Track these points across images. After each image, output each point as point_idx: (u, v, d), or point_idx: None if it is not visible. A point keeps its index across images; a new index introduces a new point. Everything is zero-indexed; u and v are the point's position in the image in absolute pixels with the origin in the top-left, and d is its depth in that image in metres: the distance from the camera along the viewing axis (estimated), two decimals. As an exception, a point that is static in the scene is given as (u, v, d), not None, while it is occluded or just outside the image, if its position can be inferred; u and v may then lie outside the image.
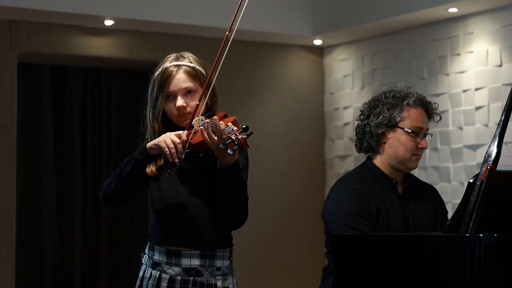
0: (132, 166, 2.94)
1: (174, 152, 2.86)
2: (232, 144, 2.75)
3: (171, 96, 3.01)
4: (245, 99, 6.46)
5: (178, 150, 2.86)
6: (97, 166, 6.40)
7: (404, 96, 3.59)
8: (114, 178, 2.99)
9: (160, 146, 2.87)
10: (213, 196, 2.96)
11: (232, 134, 2.77)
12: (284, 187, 6.55)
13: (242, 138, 2.76)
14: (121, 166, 2.99)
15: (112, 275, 6.44)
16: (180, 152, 2.87)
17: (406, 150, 3.56)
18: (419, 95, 3.62)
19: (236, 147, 2.75)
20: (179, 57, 3.06)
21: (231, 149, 2.74)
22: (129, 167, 2.95)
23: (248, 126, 2.79)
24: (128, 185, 2.99)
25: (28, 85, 6.19)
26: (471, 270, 2.52)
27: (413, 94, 3.60)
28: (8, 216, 5.61)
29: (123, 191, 3.01)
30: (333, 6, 6.17)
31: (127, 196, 3.05)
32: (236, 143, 2.75)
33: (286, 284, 6.50)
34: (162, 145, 2.87)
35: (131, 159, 2.96)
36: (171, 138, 2.87)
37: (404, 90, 3.62)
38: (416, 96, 3.59)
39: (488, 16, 5.49)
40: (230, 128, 2.80)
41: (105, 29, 5.94)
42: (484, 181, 2.60)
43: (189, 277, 2.97)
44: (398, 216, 3.54)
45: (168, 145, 2.86)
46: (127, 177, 2.96)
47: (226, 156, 2.83)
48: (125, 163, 2.97)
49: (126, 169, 2.96)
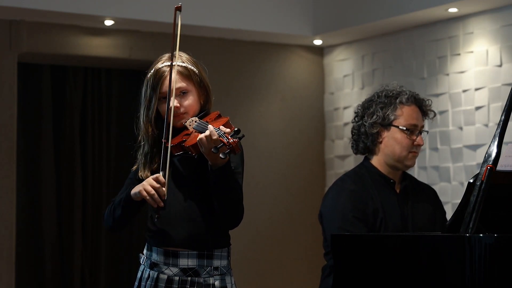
0: (122, 210, 2.99)
1: (156, 197, 2.87)
2: (224, 147, 2.75)
3: (164, 96, 2.99)
4: (245, 99, 6.45)
5: (160, 193, 2.87)
6: (97, 166, 6.40)
7: (397, 94, 3.58)
8: (110, 215, 3.04)
9: (141, 195, 2.89)
10: (209, 196, 2.95)
11: (224, 138, 2.77)
12: (284, 187, 6.55)
13: (233, 142, 2.76)
14: (113, 205, 3.03)
15: (112, 275, 6.44)
16: (162, 195, 2.87)
17: (402, 148, 3.55)
18: (412, 92, 3.61)
19: (227, 151, 2.75)
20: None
21: (222, 153, 2.74)
22: (119, 211, 3.00)
23: (239, 129, 2.79)
24: (125, 220, 3.05)
25: (28, 85, 6.19)
26: (471, 270, 2.52)
27: (406, 92, 3.60)
28: (8, 216, 5.61)
29: (122, 224, 3.06)
30: (333, 6, 6.17)
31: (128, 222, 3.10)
32: (227, 146, 2.75)
33: (286, 284, 6.50)
34: (143, 194, 2.88)
35: (120, 202, 2.99)
36: (150, 184, 2.87)
37: (396, 88, 3.61)
38: (409, 94, 3.59)
39: (488, 16, 5.49)
40: (222, 131, 2.80)
41: (105, 29, 5.94)
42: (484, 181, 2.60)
43: (187, 277, 2.96)
44: (396, 216, 3.54)
45: (149, 192, 2.87)
46: (121, 217, 3.02)
47: (218, 159, 2.83)
48: (117, 204, 3.01)
49: (118, 211, 3.01)
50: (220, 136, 2.78)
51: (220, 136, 2.78)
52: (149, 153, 3.02)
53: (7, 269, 5.58)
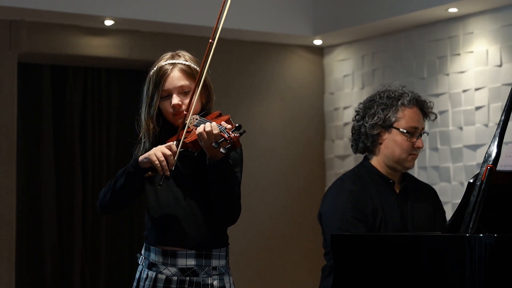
0: (126, 179, 2.96)
1: (165, 165, 2.85)
2: (225, 142, 2.75)
3: (166, 94, 3.01)
4: (245, 99, 6.46)
5: (169, 162, 2.86)
6: (97, 166, 6.41)
7: (399, 96, 3.57)
8: (109, 189, 3.01)
9: (150, 160, 2.87)
10: (208, 195, 2.95)
11: (225, 133, 2.77)
12: (284, 187, 6.55)
13: (234, 137, 2.76)
14: (115, 178, 3.01)
15: (112, 276, 6.44)
16: (171, 164, 2.86)
17: (402, 150, 3.55)
18: (414, 94, 3.60)
19: (228, 145, 2.75)
20: (175, 56, 3.06)
21: (223, 148, 2.74)
22: (122, 180, 2.97)
23: (241, 125, 2.78)
24: (123, 196, 3.01)
25: (28, 85, 6.19)
26: (471, 270, 2.52)
27: (408, 93, 3.59)
28: (8, 216, 5.61)
29: (119, 201, 3.03)
30: (333, 6, 6.17)
31: (124, 205, 3.07)
32: (228, 141, 2.75)
33: (286, 284, 6.50)
34: (153, 159, 2.86)
35: (124, 171, 2.97)
36: (161, 151, 2.87)
37: (398, 90, 3.60)
38: (410, 96, 3.58)
39: (488, 16, 5.49)
40: (223, 126, 2.80)
41: (105, 29, 5.94)
42: (484, 181, 2.60)
43: (185, 277, 2.96)
44: (396, 216, 3.54)
45: (159, 158, 2.86)
46: (121, 189, 2.98)
47: (218, 154, 2.83)
48: (119, 175, 2.99)
49: (120, 181, 2.98)
50: (221, 131, 2.78)
51: (221, 131, 2.78)
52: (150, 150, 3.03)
53: (7, 269, 5.58)
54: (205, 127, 2.80)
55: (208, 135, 2.79)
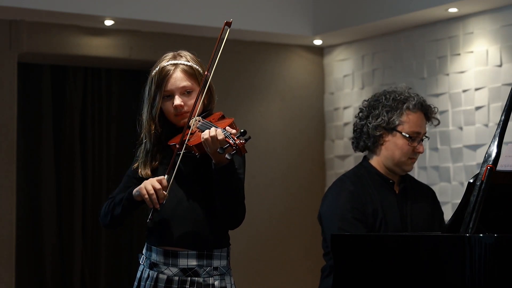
0: (122, 210, 3.00)
1: (154, 198, 2.87)
2: (230, 148, 2.73)
3: (168, 95, 3.01)
4: (245, 99, 6.46)
5: (159, 196, 2.87)
6: (97, 166, 6.41)
7: (405, 99, 3.57)
8: (109, 212, 3.04)
9: (141, 193, 2.89)
10: (209, 196, 2.95)
11: (230, 139, 2.76)
12: (284, 187, 6.55)
13: (240, 143, 2.74)
14: (114, 201, 3.03)
15: (112, 276, 6.44)
16: (161, 198, 2.87)
17: (402, 154, 3.56)
18: (419, 98, 3.60)
19: (234, 151, 2.73)
20: (176, 56, 3.06)
21: (228, 154, 2.72)
22: (119, 210, 3.00)
23: (246, 131, 2.77)
24: (123, 219, 3.06)
25: (28, 85, 6.19)
26: (471, 270, 2.52)
27: (413, 97, 3.58)
28: (8, 216, 5.61)
29: (120, 222, 3.07)
30: (333, 6, 6.17)
31: (124, 221, 3.10)
32: (234, 147, 2.73)
33: (286, 284, 6.50)
34: (143, 192, 2.88)
35: (121, 201, 2.99)
36: (152, 184, 2.88)
37: (404, 92, 3.60)
38: (416, 100, 3.57)
39: (488, 16, 5.49)
40: (228, 132, 2.79)
41: (105, 29, 5.94)
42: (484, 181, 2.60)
43: (187, 277, 2.96)
44: (396, 217, 3.54)
45: (148, 192, 2.87)
46: (120, 215, 3.02)
47: (223, 160, 2.82)
48: (117, 203, 3.01)
49: (117, 210, 3.01)
50: (226, 136, 2.77)
51: (226, 137, 2.77)
52: (151, 151, 3.03)
53: (7, 269, 5.58)
54: (210, 132, 2.79)
55: (213, 141, 2.78)
